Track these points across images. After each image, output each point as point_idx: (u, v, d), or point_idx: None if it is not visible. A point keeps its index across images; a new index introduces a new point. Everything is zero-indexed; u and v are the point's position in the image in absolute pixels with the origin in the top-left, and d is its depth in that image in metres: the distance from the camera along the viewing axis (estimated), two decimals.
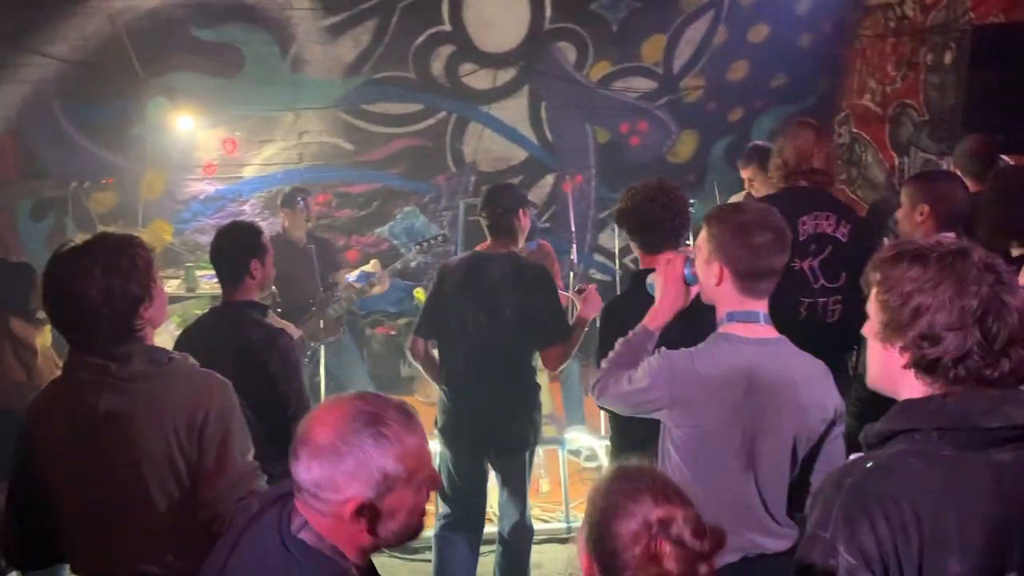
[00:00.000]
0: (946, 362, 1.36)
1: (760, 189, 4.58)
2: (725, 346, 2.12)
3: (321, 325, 4.99)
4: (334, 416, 1.48)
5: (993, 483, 1.35)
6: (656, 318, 2.32)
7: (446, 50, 6.52)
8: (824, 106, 7.06)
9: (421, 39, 6.45)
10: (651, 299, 2.43)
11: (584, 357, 5.69)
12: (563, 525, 4.37)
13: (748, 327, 2.13)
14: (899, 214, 3.05)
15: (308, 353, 4.82)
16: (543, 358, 3.49)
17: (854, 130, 6.92)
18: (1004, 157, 4.83)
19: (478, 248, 3.61)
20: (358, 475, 1.44)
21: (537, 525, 4.37)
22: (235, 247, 2.91)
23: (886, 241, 5.61)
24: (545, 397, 5.57)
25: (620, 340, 2.35)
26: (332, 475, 1.44)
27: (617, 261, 6.41)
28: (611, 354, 2.34)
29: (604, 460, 4.71)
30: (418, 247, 5.14)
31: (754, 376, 2.07)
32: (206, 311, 3.23)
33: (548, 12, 6.53)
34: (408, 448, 1.48)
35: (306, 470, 1.46)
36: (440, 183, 6.82)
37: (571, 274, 6.09)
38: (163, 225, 6.24)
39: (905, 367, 1.41)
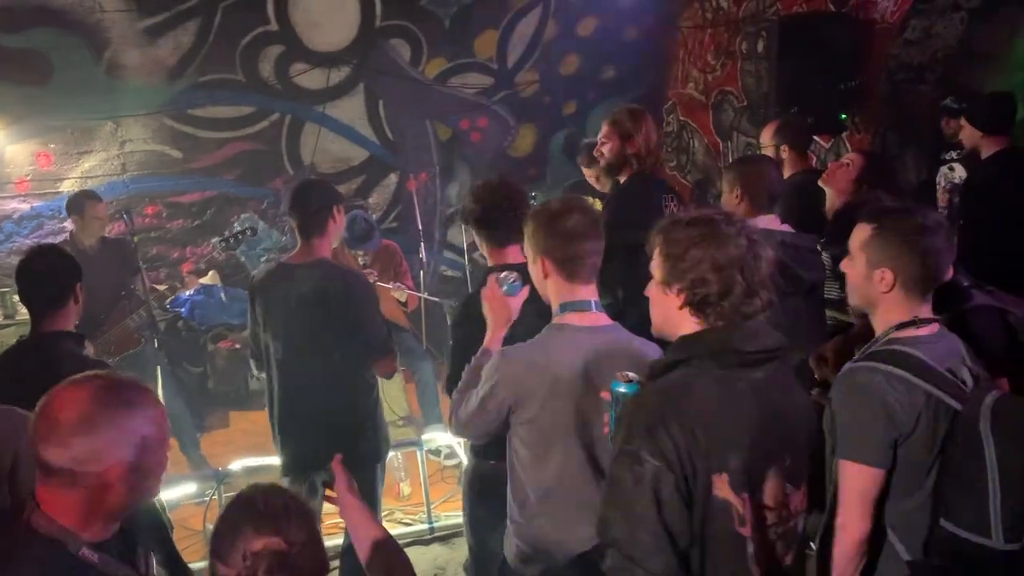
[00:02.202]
0: (713, 299, 1.68)
1: (605, 183, 4.73)
2: (560, 336, 2.16)
3: (114, 338, 4.72)
4: (78, 394, 1.56)
5: (753, 394, 1.68)
6: (493, 339, 2.35)
7: (275, 50, 6.32)
8: (652, 96, 7.34)
9: (247, 39, 6.22)
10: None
11: (440, 356, 5.69)
12: (426, 527, 4.35)
13: (582, 316, 2.18)
14: (723, 199, 3.21)
15: None
16: (376, 368, 3.30)
17: (681, 118, 7.25)
18: (815, 138, 5.20)
19: (286, 258, 3.29)
20: (120, 440, 1.55)
21: (400, 528, 4.34)
22: (58, 272, 2.69)
23: None
24: (401, 398, 5.55)
25: (465, 368, 2.35)
26: (94, 446, 1.53)
27: (467, 256, 6.44)
28: (459, 384, 2.35)
29: (464, 458, 4.73)
30: (223, 244, 4.96)
31: (591, 364, 2.12)
32: (13, 344, 2.82)
33: (379, 9, 6.44)
34: (156, 412, 1.63)
35: (63, 449, 1.52)
36: (278, 187, 6.60)
37: (421, 273, 6.08)
38: None
39: (681, 307, 1.73)
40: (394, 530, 4.20)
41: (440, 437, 4.87)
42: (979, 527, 1.81)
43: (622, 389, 1.84)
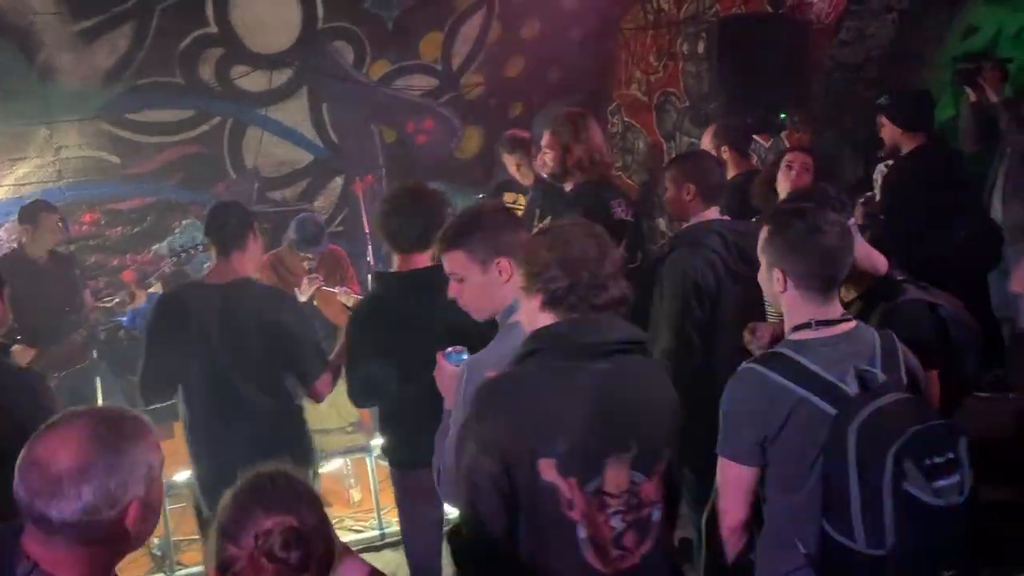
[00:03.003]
0: (561, 293, 1.84)
1: (527, 175, 4.75)
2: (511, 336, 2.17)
3: (63, 352, 4.59)
4: (70, 438, 1.42)
5: (593, 383, 1.81)
6: (448, 402, 2.31)
7: (215, 52, 6.20)
8: (596, 97, 7.40)
9: (186, 42, 6.08)
10: (400, 301, 2.65)
11: None
12: (377, 533, 4.32)
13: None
14: (668, 195, 3.25)
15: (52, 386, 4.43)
16: (309, 394, 3.15)
17: (625, 119, 7.32)
18: (756, 137, 5.30)
19: (206, 278, 3.15)
20: (132, 478, 1.44)
21: (351, 536, 4.31)
22: None
23: (660, 223, 5.98)
24: (349, 404, 5.50)
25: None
26: (107, 490, 1.41)
27: None
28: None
29: None
30: (174, 259, 4.88)
31: None
32: None
33: (321, 11, 6.37)
34: (154, 438, 1.53)
35: (74, 499, 1.39)
36: (221, 192, 6.49)
37: (369, 277, 6.03)
38: None
39: (542, 308, 1.87)
40: (345, 537, 4.16)
41: None
42: (845, 530, 1.86)
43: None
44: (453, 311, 2.69)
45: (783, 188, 3.52)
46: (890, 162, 4.78)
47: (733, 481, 2.01)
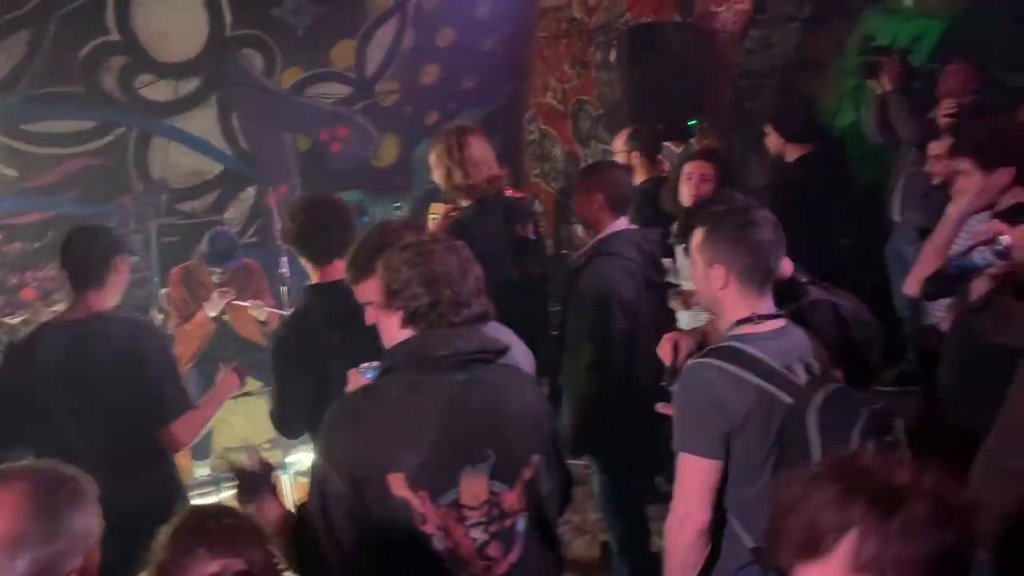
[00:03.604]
0: (423, 310, 1.82)
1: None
2: None
3: None
4: (11, 499, 1.30)
5: (446, 397, 1.81)
6: None
7: (118, 61, 6.01)
8: (513, 105, 7.43)
9: (87, 50, 5.89)
10: (328, 314, 2.56)
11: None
12: None
13: None
14: (578, 205, 3.26)
15: None
16: (164, 440, 2.79)
17: (542, 126, 7.37)
18: (667, 144, 5.39)
19: (54, 317, 2.84)
20: (70, 548, 1.32)
21: None
22: None
23: (577, 229, 6.02)
24: (265, 420, 5.36)
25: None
26: (46, 560, 1.28)
27: None
28: None
29: None
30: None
31: None
32: None
33: (228, 19, 6.24)
34: (95, 504, 1.40)
35: (6, 572, 1.26)
36: (126, 205, 6.26)
37: (283, 289, 5.90)
38: None
39: (402, 326, 1.86)
40: None
41: (307, 459, 4.73)
42: None
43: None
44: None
45: (684, 197, 3.59)
46: None
47: (698, 478, 1.98)
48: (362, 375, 2.18)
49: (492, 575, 1.81)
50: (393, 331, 1.88)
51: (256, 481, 2.09)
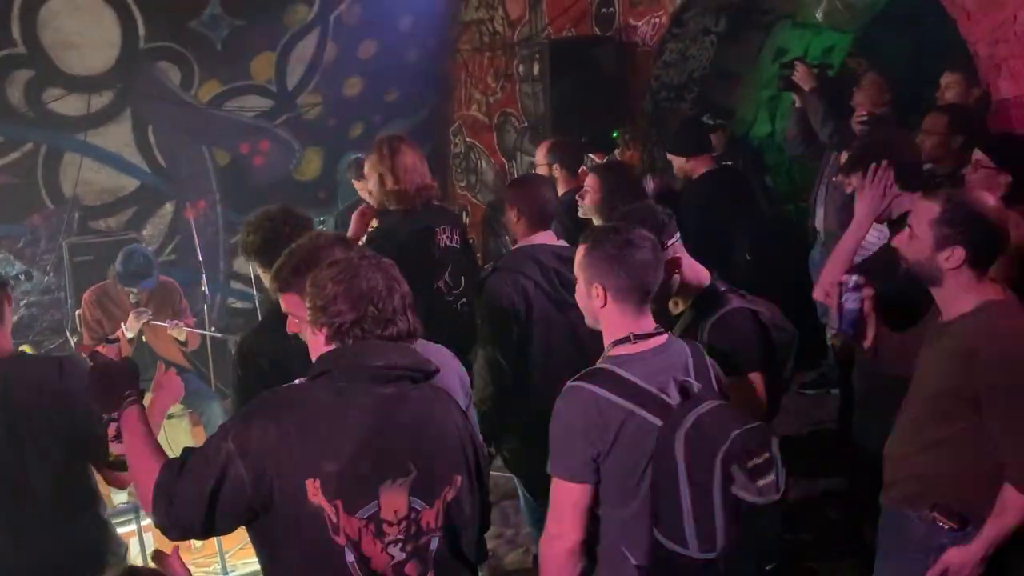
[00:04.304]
0: (347, 326, 1.83)
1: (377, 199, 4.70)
2: None
3: None
4: None
5: (373, 408, 1.79)
6: None
7: (24, 75, 5.78)
8: (437, 117, 7.43)
9: None
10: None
11: (229, 393, 5.40)
12: None
13: None
14: (505, 219, 3.29)
15: None
16: (107, 478, 2.57)
17: (467, 139, 7.37)
18: (591, 155, 5.45)
19: None
20: None
21: None
22: None
23: (505, 238, 6.04)
24: (189, 442, 5.22)
25: None
26: None
27: (255, 286, 6.16)
28: None
29: None
30: None
31: None
32: None
33: (142, 31, 6.06)
34: None
35: None
36: (37, 223, 6.04)
37: (205, 307, 5.76)
38: None
39: (327, 342, 1.86)
40: None
41: None
42: (677, 537, 1.93)
43: None
44: None
45: (584, 211, 3.66)
46: None
47: (567, 500, 2.00)
48: None
49: None
50: (319, 347, 1.87)
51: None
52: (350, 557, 1.74)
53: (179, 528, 1.77)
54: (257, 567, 3.78)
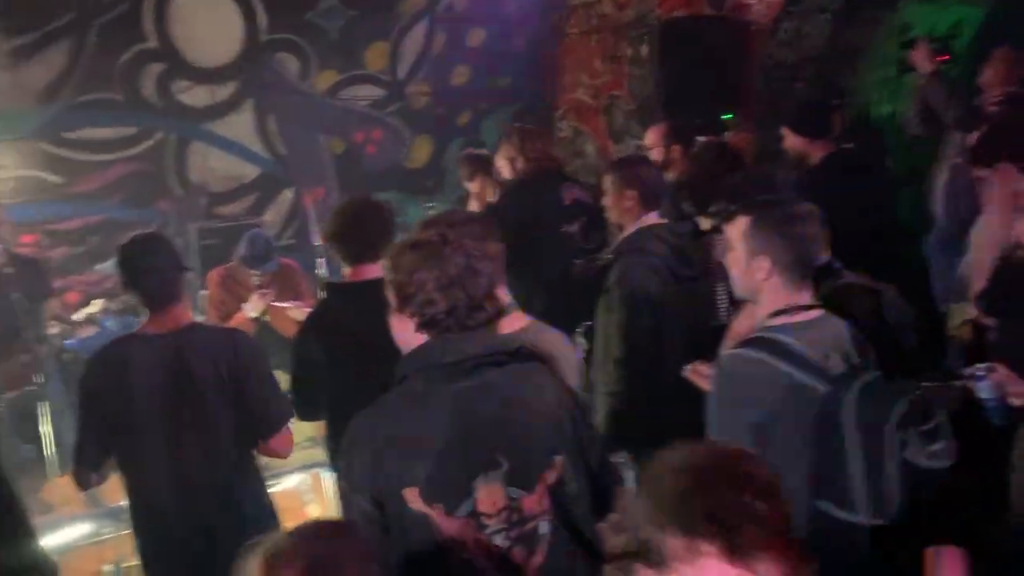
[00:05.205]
0: (439, 317, 1.76)
1: (491, 193, 4.79)
2: None
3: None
4: None
5: (454, 406, 1.73)
6: None
7: (156, 67, 6.12)
8: (543, 103, 7.44)
9: (126, 57, 6.00)
10: (349, 312, 2.62)
11: None
12: None
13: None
14: (607, 200, 3.26)
15: None
16: (266, 451, 2.78)
17: (573, 124, 7.36)
18: (700, 138, 5.36)
19: (143, 329, 2.68)
20: None
21: None
22: None
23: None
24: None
25: None
26: None
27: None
28: None
29: None
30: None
31: None
32: None
33: (263, 23, 6.33)
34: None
35: None
36: (166, 209, 6.39)
37: (320, 291, 5.97)
38: None
39: (416, 330, 1.79)
40: None
41: None
42: (847, 504, 1.90)
43: None
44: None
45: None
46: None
47: None
48: None
49: None
50: (407, 334, 1.82)
51: None
52: (456, 556, 1.72)
53: None
54: None
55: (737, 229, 2.11)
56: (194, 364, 2.60)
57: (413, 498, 1.70)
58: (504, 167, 4.06)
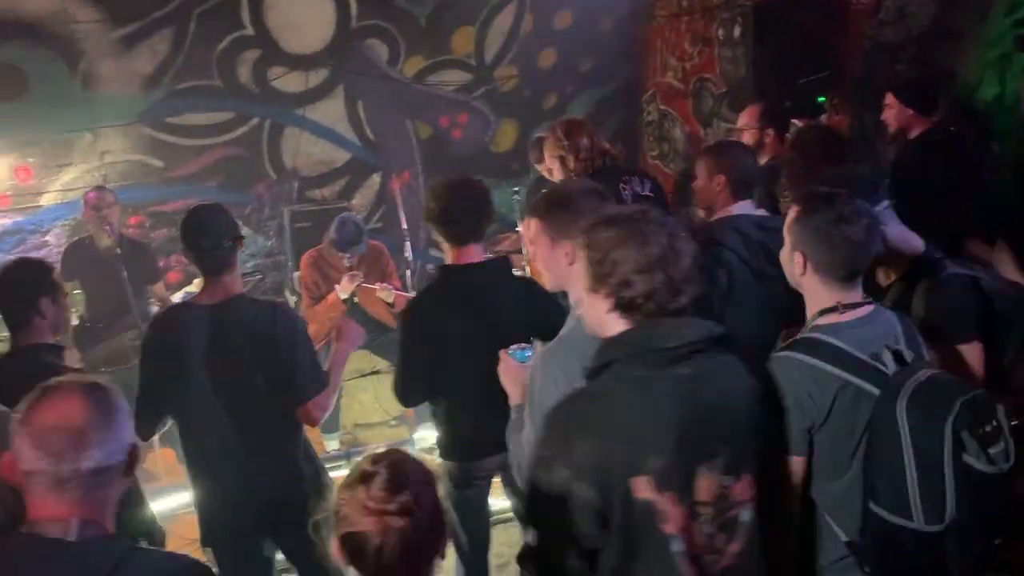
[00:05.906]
0: (639, 300, 1.67)
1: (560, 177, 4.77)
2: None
3: (104, 353, 4.64)
4: (69, 402, 1.56)
5: (677, 392, 1.64)
6: (514, 397, 2.25)
7: (252, 55, 6.30)
8: (631, 86, 7.36)
9: (223, 45, 6.19)
10: (458, 295, 2.65)
11: None
12: None
13: None
14: (697, 184, 3.16)
15: None
16: (300, 417, 2.82)
17: (661, 107, 7.26)
18: (795, 121, 5.22)
19: (196, 299, 2.83)
20: (124, 427, 1.61)
21: None
22: (21, 285, 2.69)
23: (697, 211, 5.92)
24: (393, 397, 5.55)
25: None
26: (118, 435, 1.59)
27: None
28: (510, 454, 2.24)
29: None
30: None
31: None
32: None
33: (354, 10, 6.44)
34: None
35: (97, 448, 1.54)
36: (261, 192, 6.60)
37: (408, 272, 6.07)
38: None
39: (609, 311, 1.71)
40: None
41: (432, 435, 4.87)
42: (901, 509, 1.84)
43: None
44: (509, 306, 2.66)
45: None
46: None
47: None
48: (511, 356, 2.24)
49: (718, 567, 1.70)
50: (600, 316, 1.74)
51: None
52: (677, 546, 1.65)
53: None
54: None
55: (788, 218, 2.06)
56: (231, 332, 2.71)
57: (642, 487, 1.62)
58: (555, 168, 3.81)
